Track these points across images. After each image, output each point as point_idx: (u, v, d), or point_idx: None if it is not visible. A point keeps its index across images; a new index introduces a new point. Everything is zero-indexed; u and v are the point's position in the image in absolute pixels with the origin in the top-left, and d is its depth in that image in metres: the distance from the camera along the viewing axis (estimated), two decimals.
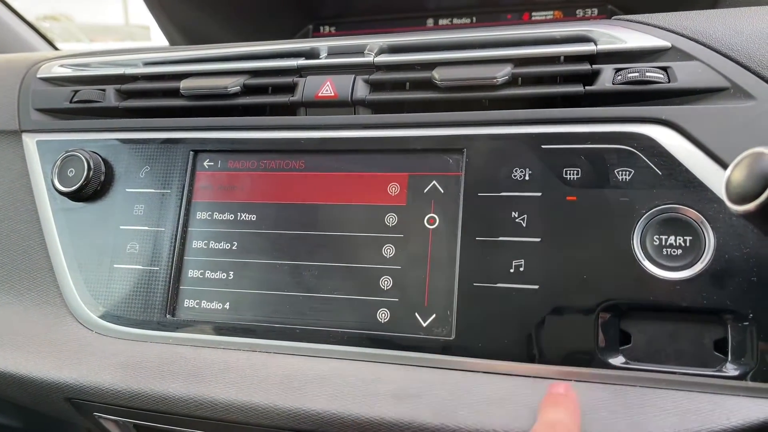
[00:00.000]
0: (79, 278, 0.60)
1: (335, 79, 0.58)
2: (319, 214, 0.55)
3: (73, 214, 0.62)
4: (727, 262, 0.45)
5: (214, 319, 0.56)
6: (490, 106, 0.56)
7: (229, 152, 0.59)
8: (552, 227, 0.49)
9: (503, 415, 0.45)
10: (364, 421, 0.46)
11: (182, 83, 0.62)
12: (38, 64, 0.70)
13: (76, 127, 0.65)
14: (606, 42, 0.53)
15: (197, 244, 0.58)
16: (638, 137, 0.49)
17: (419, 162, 0.54)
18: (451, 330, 0.50)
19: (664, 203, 0.47)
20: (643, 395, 0.45)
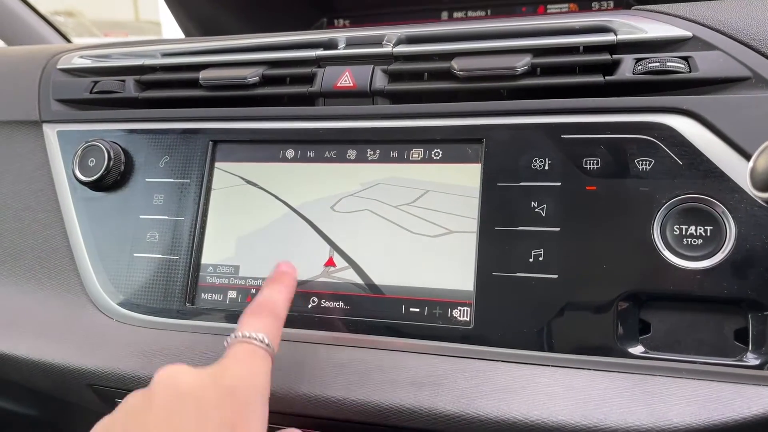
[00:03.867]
0: (100, 267, 0.61)
1: (354, 70, 0.58)
2: (337, 204, 0.55)
3: (94, 204, 0.63)
4: (748, 252, 0.45)
5: (233, 308, 0.56)
6: (508, 96, 0.56)
7: (248, 142, 0.60)
8: (571, 217, 0.49)
9: (522, 402, 0.45)
10: (383, 408, 0.47)
11: (201, 74, 0.62)
12: (58, 55, 0.71)
13: (97, 118, 0.66)
14: (626, 32, 0.53)
15: (216, 234, 0.58)
16: (659, 127, 0.49)
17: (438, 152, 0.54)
18: (470, 319, 0.50)
19: (684, 193, 0.47)
20: (663, 384, 0.45)
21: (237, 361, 0.41)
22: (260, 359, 0.42)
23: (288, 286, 0.48)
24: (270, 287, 0.48)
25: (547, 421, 0.43)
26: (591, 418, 0.43)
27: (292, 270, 0.50)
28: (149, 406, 0.37)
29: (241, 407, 0.38)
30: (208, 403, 0.37)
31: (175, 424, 0.36)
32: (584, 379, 0.46)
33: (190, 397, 0.37)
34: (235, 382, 0.39)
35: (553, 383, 0.46)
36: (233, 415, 0.37)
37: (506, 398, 0.45)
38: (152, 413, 0.37)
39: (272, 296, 0.47)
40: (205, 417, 0.37)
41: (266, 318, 0.45)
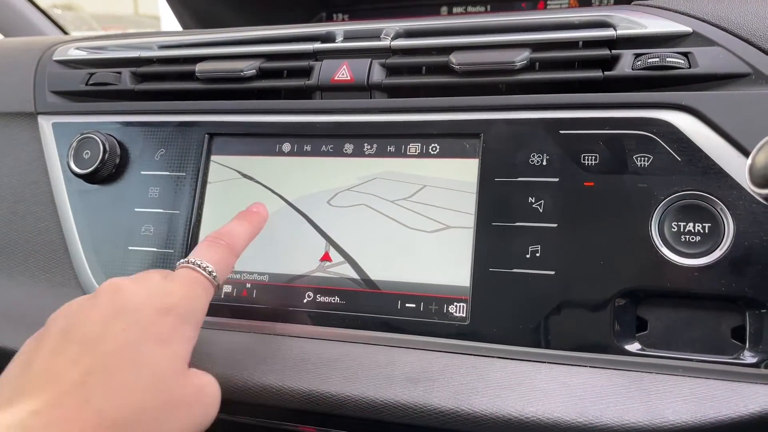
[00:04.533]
0: (94, 260, 0.60)
1: (351, 63, 0.58)
2: (335, 199, 0.55)
3: (89, 196, 0.62)
4: (746, 250, 0.45)
5: (228, 302, 0.56)
6: (506, 91, 0.55)
7: (244, 136, 0.59)
8: (569, 213, 0.49)
9: (517, 399, 0.45)
10: (378, 403, 0.46)
11: (197, 66, 0.62)
12: (54, 46, 0.70)
13: (92, 110, 0.65)
14: (625, 27, 0.52)
15: (211, 227, 0.58)
16: (658, 123, 0.48)
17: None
18: (466, 315, 0.49)
19: (683, 189, 0.47)
20: (660, 382, 0.44)
21: (179, 285, 0.43)
22: (201, 287, 0.44)
23: (253, 224, 0.51)
24: (235, 221, 0.51)
25: (542, 417, 0.43)
26: (587, 415, 0.43)
27: (262, 210, 0.53)
28: (92, 308, 0.40)
29: (175, 326, 0.40)
30: (146, 318, 0.40)
31: (113, 329, 0.39)
32: (581, 376, 0.46)
33: (130, 307, 0.40)
34: (173, 304, 0.41)
35: (549, 380, 0.46)
36: (167, 332, 0.40)
37: (502, 395, 0.45)
38: (93, 315, 0.40)
39: (234, 230, 0.49)
40: (141, 329, 0.39)
41: (220, 250, 0.47)
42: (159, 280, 0.43)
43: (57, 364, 0.37)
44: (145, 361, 0.38)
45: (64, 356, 0.37)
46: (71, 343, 0.38)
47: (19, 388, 0.36)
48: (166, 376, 0.38)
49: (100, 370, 0.37)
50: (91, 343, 0.38)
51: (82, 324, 0.39)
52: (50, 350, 0.38)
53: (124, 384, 0.37)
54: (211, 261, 0.45)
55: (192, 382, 0.40)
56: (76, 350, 0.38)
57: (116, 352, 0.38)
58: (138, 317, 0.39)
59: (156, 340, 0.39)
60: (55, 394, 0.35)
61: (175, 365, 0.39)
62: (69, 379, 0.36)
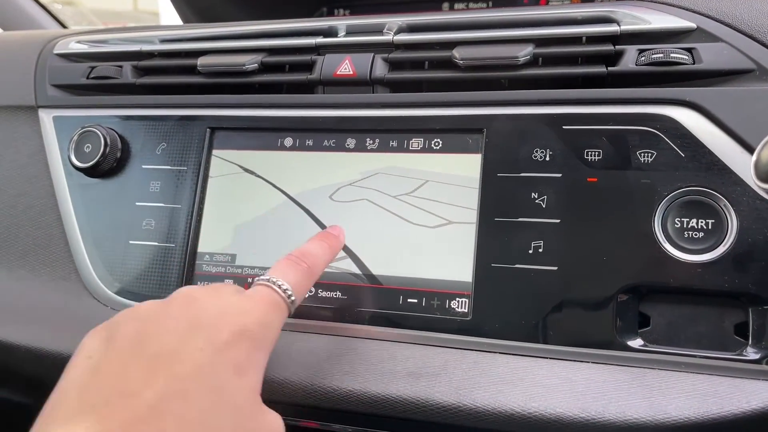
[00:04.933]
0: (95, 254, 0.60)
1: (354, 58, 0.57)
2: (335, 194, 0.55)
3: (89, 190, 0.62)
4: (749, 246, 0.45)
5: None
6: (509, 86, 0.55)
7: (246, 130, 0.59)
8: (572, 208, 0.49)
9: (520, 394, 0.45)
10: (380, 398, 0.46)
11: (199, 60, 0.62)
12: (55, 40, 0.70)
13: (93, 103, 0.65)
14: (629, 23, 0.52)
15: (213, 222, 0.58)
16: (661, 119, 0.48)
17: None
18: (469, 310, 0.49)
19: (686, 186, 0.47)
20: (662, 378, 0.44)
21: (255, 303, 0.40)
22: (278, 310, 0.41)
23: (332, 247, 0.49)
24: (316, 242, 0.48)
25: (545, 413, 0.43)
26: (589, 411, 0.43)
27: (341, 235, 0.51)
28: (165, 317, 0.37)
29: (251, 352, 0.37)
30: (222, 338, 0.36)
31: (189, 347, 0.35)
32: (583, 371, 0.46)
33: (206, 322, 0.37)
34: (249, 325, 0.38)
35: (551, 375, 0.46)
36: (244, 359, 0.37)
37: (504, 390, 0.45)
38: (167, 325, 0.37)
39: (315, 251, 0.47)
40: (218, 350, 0.36)
41: (300, 271, 0.44)
42: (234, 295, 0.40)
43: (130, 379, 0.34)
44: (223, 391, 0.35)
45: (136, 370, 0.34)
46: (144, 354, 0.35)
47: (87, 399, 0.33)
48: (242, 410, 0.36)
49: (177, 395, 0.33)
50: (166, 358, 0.35)
51: (156, 334, 0.36)
52: (121, 359, 0.35)
53: (201, 416, 0.34)
54: (290, 282, 0.43)
55: (265, 418, 0.37)
56: (150, 366, 0.34)
57: (193, 375, 0.34)
58: (214, 336, 0.36)
59: (234, 368, 0.36)
60: (129, 418, 0.32)
61: (251, 399, 0.37)
62: (143, 402, 0.32)
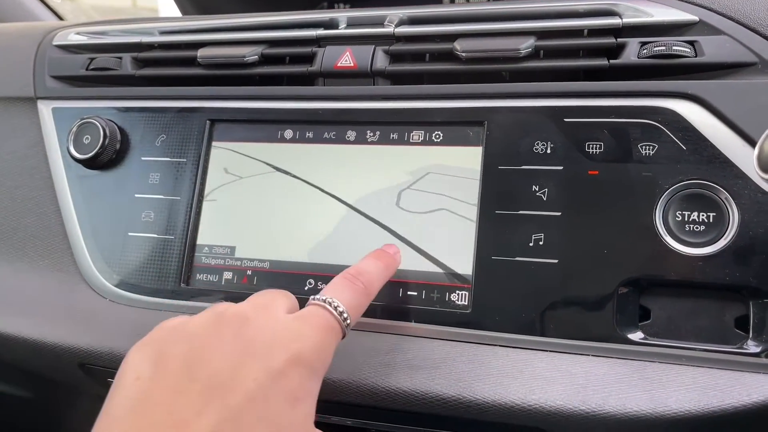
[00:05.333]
0: (94, 246, 0.60)
1: (355, 50, 0.57)
2: (337, 186, 0.55)
3: (88, 182, 0.62)
4: (750, 239, 0.44)
5: (228, 289, 0.55)
6: (511, 79, 0.55)
7: (246, 122, 0.59)
8: (573, 201, 0.48)
9: (520, 387, 0.45)
10: (380, 390, 0.46)
11: (199, 52, 0.61)
12: (54, 31, 0.70)
13: (92, 95, 0.65)
14: (631, 15, 0.52)
15: (212, 214, 0.57)
16: (663, 112, 0.48)
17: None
18: (469, 303, 0.49)
19: (688, 179, 0.46)
20: (663, 371, 0.44)
21: (310, 327, 0.38)
22: (332, 333, 0.39)
23: (388, 267, 0.47)
24: (371, 259, 0.46)
25: (545, 405, 0.43)
26: (589, 403, 0.43)
27: (396, 254, 0.49)
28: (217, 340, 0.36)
29: (304, 380, 0.36)
30: (277, 366, 0.35)
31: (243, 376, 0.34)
32: (583, 364, 0.46)
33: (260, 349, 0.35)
34: (304, 352, 0.36)
35: (551, 368, 0.45)
36: (298, 388, 0.35)
37: (504, 382, 0.45)
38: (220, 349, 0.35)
39: (371, 270, 0.45)
40: (272, 379, 0.34)
41: (357, 291, 0.43)
42: (287, 316, 0.39)
43: (181, 408, 0.32)
44: (276, 422, 0.34)
45: (188, 399, 0.33)
46: (196, 381, 0.34)
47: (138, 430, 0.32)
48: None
49: (230, 427, 0.32)
50: (218, 388, 0.33)
51: (208, 359, 0.35)
52: (172, 385, 0.34)
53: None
54: (346, 303, 0.41)
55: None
56: (202, 394, 0.33)
57: (246, 406, 0.33)
58: (268, 364, 0.35)
59: (287, 398, 0.34)
60: None
61: (305, 427, 0.35)
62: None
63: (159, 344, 0.36)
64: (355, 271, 0.44)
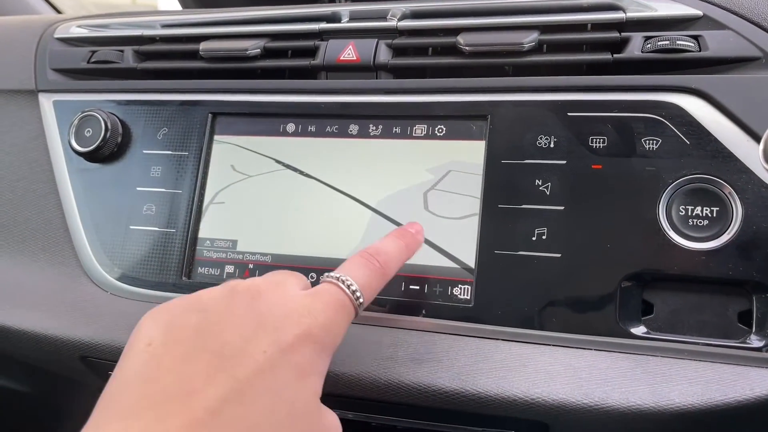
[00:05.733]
0: (95, 239, 0.60)
1: (357, 43, 0.57)
2: (339, 180, 0.55)
3: (89, 175, 0.62)
4: (754, 234, 0.44)
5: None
6: (513, 73, 0.55)
7: (248, 115, 0.59)
8: (576, 196, 0.48)
9: (522, 380, 0.45)
10: (382, 383, 0.46)
11: (201, 45, 0.61)
12: (55, 24, 0.69)
13: (94, 88, 0.64)
14: (635, 10, 0.52)
15: (214, 207, 0.57)
16: (667, 106, 0.48)
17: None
18: (471, 297, 0.49)
19: (691, 173, 0.46)
20: (665, 365, 0.44)
21: (322, 304, 0.38)
22: (344, 311, 0.39)
23: (409, 247, 0.46)
24: (391, 239, 0.45)
25: (547, 399, 0.43)
26: (592, 397, 0.42)
27: (419, 233, 0.48)
28: (229, 312, 0.36)
29: (314, 356, 0.36)
30: (287, 340, 0.35)
31: (253, 348, 0.34)
32: (586, 358, 0.45)
33: (270, 323, 0.36)
34: (314, 328, 0.36)
35: (554, 362, 0.45)
36: (306, 363, 0.35)
37: (507, 376, 0.45)
38: (231, 321, 0.36)
39: (390, 249, 0.44)
40: (282, 353, 0.35)
41: (373, 271, 0.42)
42: (299, 292, 0.39)
43: (190, 377, 0.33)
44: (284, 396, 0.34)
45: (197, 368, 0.33)
46: (206, 351, 0.34)
47: (146, 395, 0.32)
48: (302, 415, 0.35)
49: (237, 398, 0.32)
50: (228, 359, 0.34)
51: (219, 329, 0.35)
52: (182, 354, 0.34)
53: (260, 419, 0.33)
54: (360, 281, 0.40)
55: (324, 422, 0.37)
56: (212, 364, 0.33)
57: (255, 378, 0.33)
58: (279, 338, 0.35)
59: (295, 372, 0.35)
60: (187, 420, 0.31)
61: (312, 403, 0.36)
62: (203, 403, 0.31)
63: (171, 314, 0.37)
64: (374, 250, 0.43)
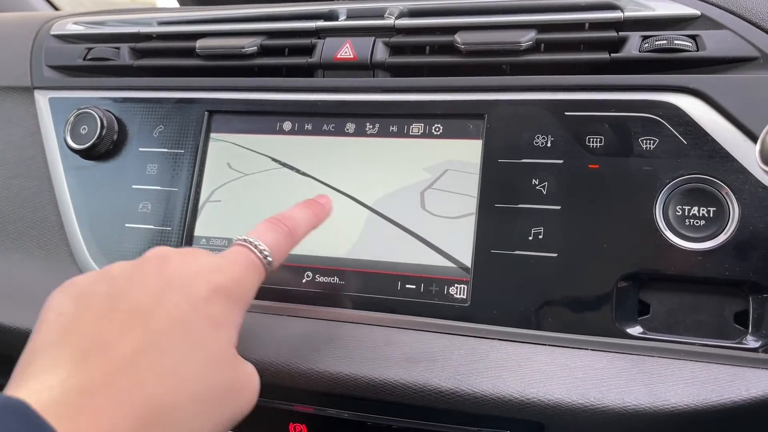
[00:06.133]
0: (90, 237, 0.60)
1: (354, 41, 0.57)
2: (335, 178, 0.54)
3: (85, 172, 0.61)
4: (751, 234, 0.44)
5: None
6: (511, 72, 0.55)
7: (244, 113, 0.58)
8: (573, 195, 0.48)
9: (518, 380, 0.44)
10: (377, 383, 0.46)
11: (198, 43, 0.61)
12: (52, 21, 0.69)
13: (90, 85, 0.64)
14: (633, 9, 0.52)
15: (210, 205, 0.57)
16: (664, 106, 0.48)
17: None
18: (467, 296, 0.49)
19: (688, 173, 0.46)
20: (662, 365, 0.44)
21: (232, 262, 0.40)
22: (254, 270, 0.41)
23: (317, 215, 0.48)
24: (299, 207, 0.48)
25: (543, 399, 0.43)
26: (588, 397, 0.42)
27: (327, 204, 0.50)
28: (140, 276, 0.37)
29: (226, 309, 0.37)
30: (198, 295, 0.36)
31: (165, 303, 0.35)
32: (582, 358, 0.45)
33: (181, 281, 0.37)
34: (224, 283, 0.38)
35: (550, 362, 0.45)
36: (219, 315, 0.37)
37: (502, 376, 0.45)
38: (141, 283, 0.36)
39: (297, 216, 0.46)
40: (194, 307, 0.36)
41: (280, 234, 0.44)
42: (209, 255, 0.40)
43: (104, 333, 0.33)
44: (199, 345, 0.35)
45: (111, 325, 0.34)
46: (118, 311, 0.34)
47: (62, 354, 0.32)
48: (219, 363, 0.36)
49: (153, 348, 0.33)
50: (141, 315, 0.34)
51: (129, 292, 0.36)
52: (95, 315, 0.34)
53: (178, 367, 0.34)
54: (268, 243, 0.42)
55: (241, 369, 0.38)
56: (125, 321, 0.34)
57: (169, 330, 0.34)
58: (190, 293, 0.36)
59: (209, 323, 0.36)
60: (106, 371, 0.31)
61: (228, 352, 0.37)
62: (119, 354, 0.32)
63: (81, 286, 0.37)
64: (281, 216, 0.45)
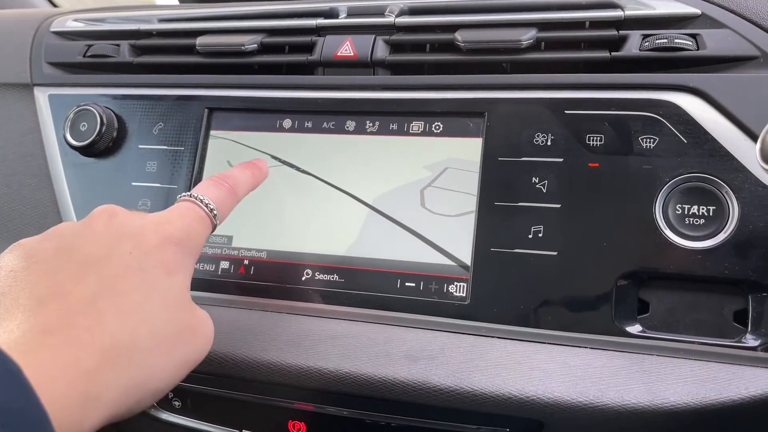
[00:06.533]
0: None
1: (355, 39, 0.57)
2: (335, 176, 0.54)
3: (84, 169, 0.61)
4: (750, 233, 0.44)
5: (225, 278, 0.55)
6: (511, 70, 0.55)
7: (244, 111, 0.58)
8: (573, 193, 0.48)
9: (517, 378, 0.44)
10: (376, 380, 0.46)
11: (198, 40, 0.61)
12: (51, 17, 0.69)
13: (89, 82, 0.64)
14: (633, 8, 0.52)
15: None
16: (664, 104, 0.48)
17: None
18: (467, 295, 0.49)
19: (688, 172, 0.46)
20: (661, 364, 0.44)
21: (179, 216, 0.42)
22: (201, 222, 0.43)
23: (254, 175, 0.50)
24: (238, 168, 0.50)
25: (542, 397, 0.43)
26: (587, 395, 0.42)
27: (264, 166, 0.52)
28: (89, 231, 0.38)
29: (178, 256, 0.39)
30: (147, 243, 0.38)
31: (118, 252, 0.36)
32: (581, 356, 0.45)
33: (132, 231, 0.38)
34: (174, 232, 0.40)
35: (549, 360, 0.45)
36: (172, 261, 0.38)
37: (502, 374, 0.45)
38: (92, 237, 0.37)
39: (237, 175, 0.48)
40: (147, 254, 0.37)
41: (223, 190, 0.46)
42: (156, 213, 0.42)
43: (59, 281, 0.34)
44: (154, 288, 0.36)
45: (66, 274, 0.34)
46: (71, 262, 0.35)
47: (15, 304, 0.32)
48: (175, 306, 0.37)
49: (109, 291, 0.34)
50: (95, 264, 0.35)
51: (80, 245, 0.36)
52: (47, 267, 0.35)
53: (135, 308, 0.35)
54: (213, 198, 0.44)
55: (196, 314, 0.39)
56: (79, 269, 0.35)
57: (124, 274, 0.35)
58: (141, 242, 0.37)
59: (163, 269, 0.37)
60: (65, 314, 0.32)
61: (183, 296, 0.38)
62: (78, 298, 0.33)
63: (30, 244, 0.37)
64: (222, 175, 0.47)
